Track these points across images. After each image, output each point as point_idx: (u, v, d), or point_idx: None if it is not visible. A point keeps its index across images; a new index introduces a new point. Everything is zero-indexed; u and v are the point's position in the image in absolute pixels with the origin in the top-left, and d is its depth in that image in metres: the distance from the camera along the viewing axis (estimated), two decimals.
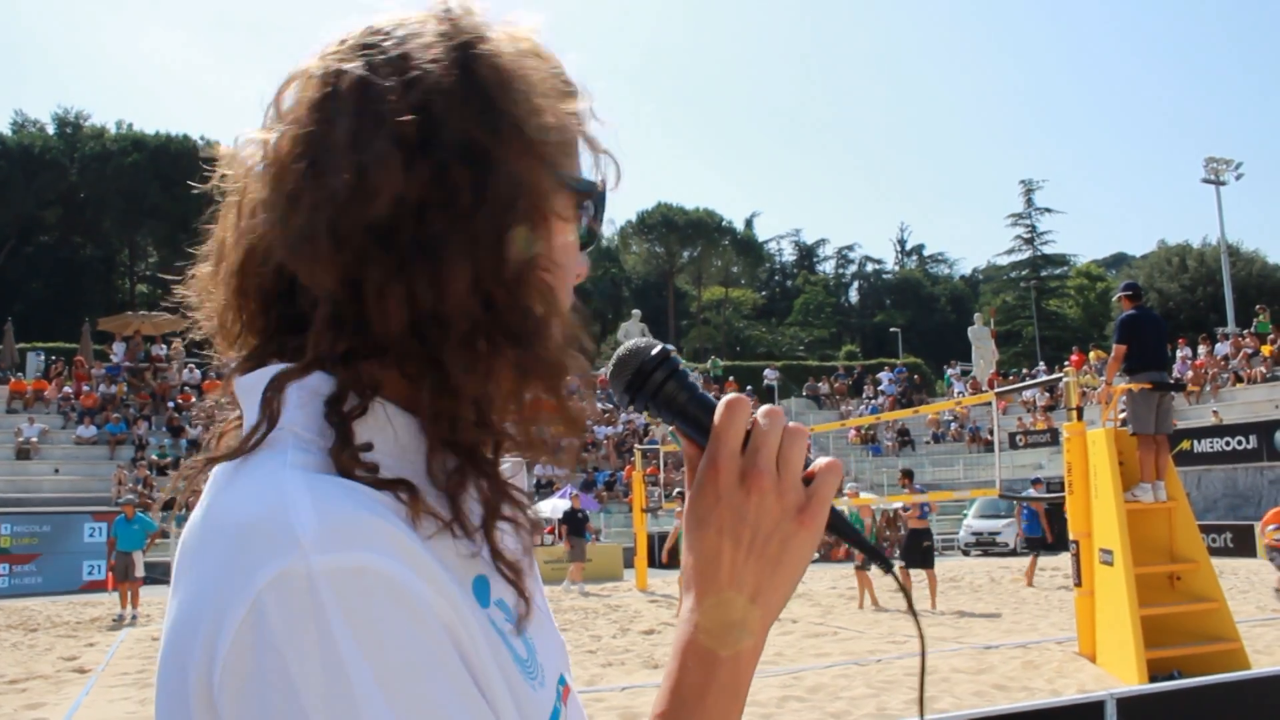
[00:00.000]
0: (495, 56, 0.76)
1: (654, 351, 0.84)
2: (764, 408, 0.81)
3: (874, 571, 15.22)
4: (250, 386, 0.74)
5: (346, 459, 0.69)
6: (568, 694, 0.83)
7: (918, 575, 15.10)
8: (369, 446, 0.70)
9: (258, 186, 0.77)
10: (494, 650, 0.70)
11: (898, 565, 14.87)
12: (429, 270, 0.71)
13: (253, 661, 0.60)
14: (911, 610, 0.90)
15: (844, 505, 24.95)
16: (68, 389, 31.28)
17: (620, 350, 0.85)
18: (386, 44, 0.75)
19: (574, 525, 20.26)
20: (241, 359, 0.80)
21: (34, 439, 28.30)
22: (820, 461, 0.81)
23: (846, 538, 0.88)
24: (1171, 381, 10.87)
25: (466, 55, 0.75)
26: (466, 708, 0.64)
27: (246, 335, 0.80)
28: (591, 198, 0.83)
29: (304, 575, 0.60)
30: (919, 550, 15.23)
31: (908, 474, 16.70)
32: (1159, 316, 11.15)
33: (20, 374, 32.98)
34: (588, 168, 0.84)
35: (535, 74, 0.78)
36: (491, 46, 0.77)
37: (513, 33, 0.80)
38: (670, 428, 0.86)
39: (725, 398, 0.81)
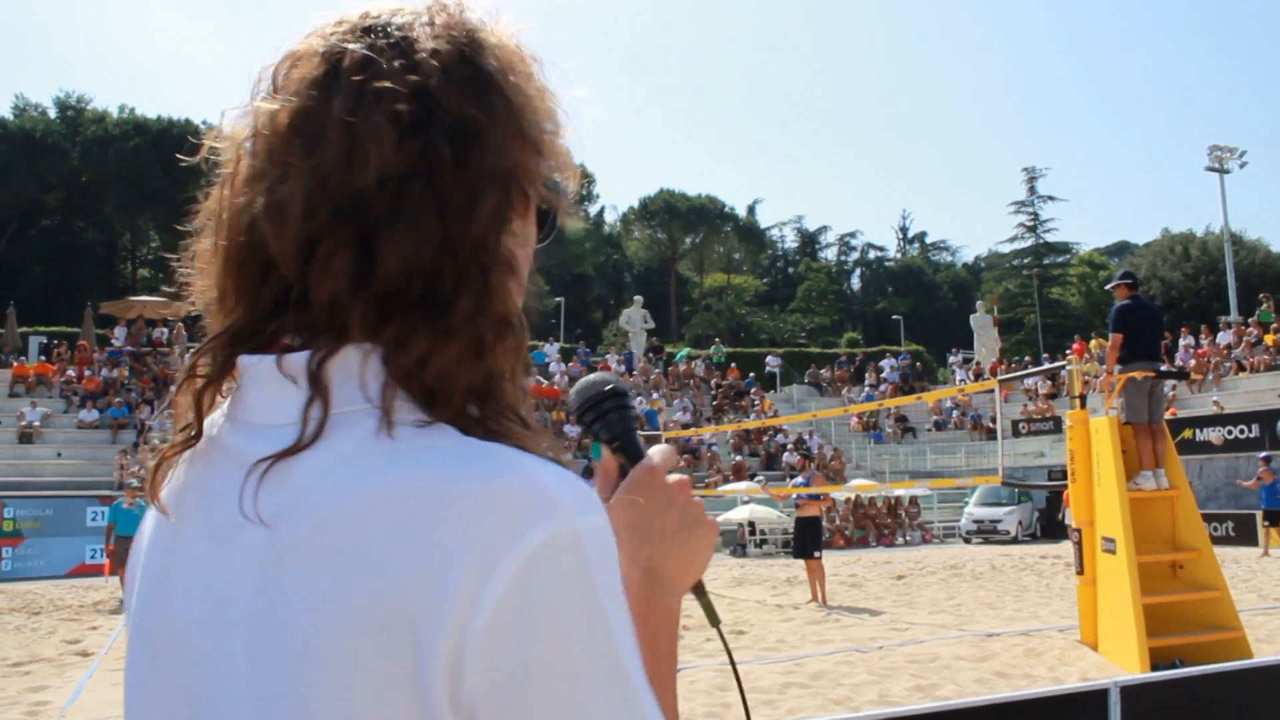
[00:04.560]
0: (497, 47, 0.81)
1: (615, 385, 1.04)
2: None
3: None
4: (299, 368, 0.75)
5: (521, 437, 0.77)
6: None
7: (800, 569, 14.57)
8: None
9: (251, 159, 0.79)
10: None
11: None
12: (393, 238, 0.74)
13: (523, 616, 0.65)
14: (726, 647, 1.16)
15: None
16: (70, 373, 31.28)
17: (588, 378, 1.05)
18: (390, 28, 0.79)
19: None
20: (246, 331, 0.79)
21: (36, 423, 28.30)
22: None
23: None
24: (1164, 370, 10.82)
25: (470, 42, 0.80)
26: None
27: (240, 308, 0.80)
28: (557, 201, 0.87)
29: (571, 534, 0.67)
30: (807, 539, 14.42)
31: (807, 455, 16.52)
32: (1155, 305, 11.08)
33: (22, 358, 32.98)
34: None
35: (529, 70, 0.83)
36: (492, 37, 0.82)
37: (501, 33, 0.84)
38: (590, 439, 1.04)
39: (661, 444, 1.02)
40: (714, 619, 1.06)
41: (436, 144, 0.75)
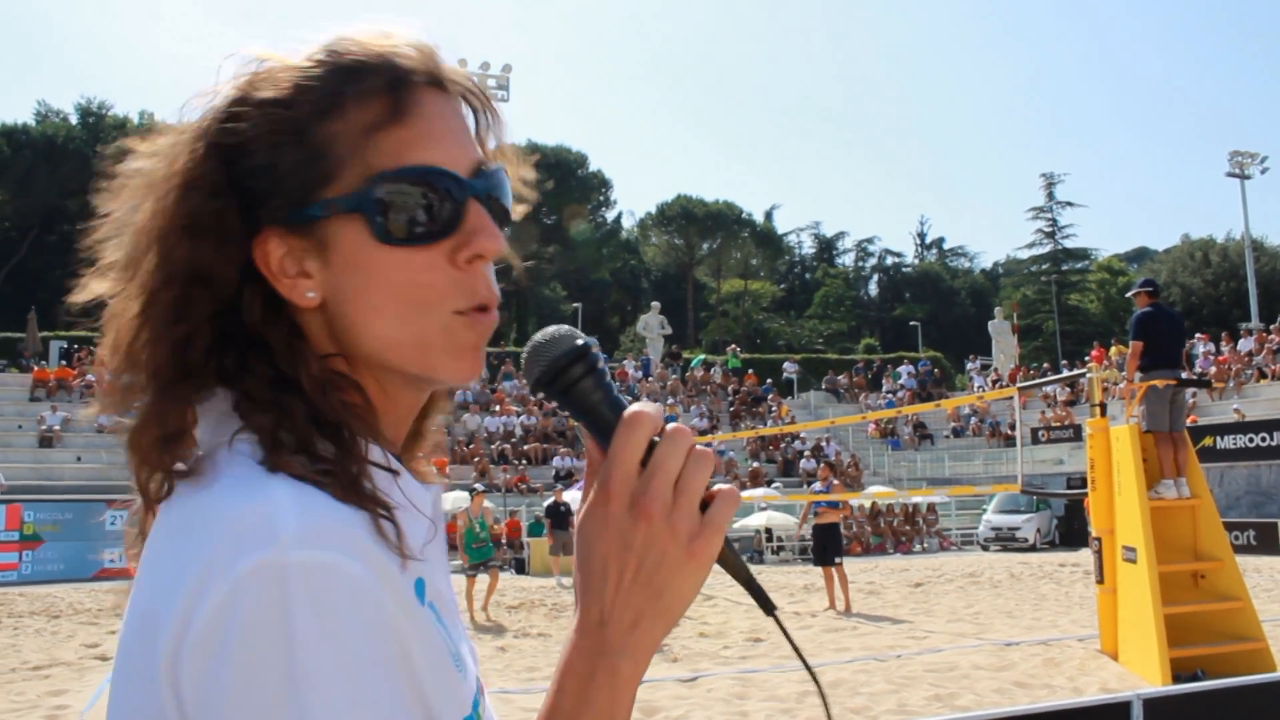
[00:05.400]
0: (237, 119, 0.85)
1: (573, 344, 0.80)
2: (670, 425, 0.78)
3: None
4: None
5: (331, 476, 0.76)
6: (483, 690, 0.89)
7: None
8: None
9: None
10: (434, 647, 0.77)
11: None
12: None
13: (220, 640, 0.66)
14: (799, 655, 0.86)
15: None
16: (90, 377, 31.51)
17: (537, 336, 0.81)
18: (215, 95, 0.88)
19: (557, 519, 20.19)
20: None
21: (56, 427, 28.52)
22: (719, 487, 0.79)
23: (736, 574, 0.83)
24: (1184, 378, 10.73)
25: (206, 129, 0.87)
26: (397, 705, 0.70)
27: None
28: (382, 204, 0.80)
29: (278, 567, 0.67)
30: (828, 546, 14.55)
31: (831, 466, 16.83)
32: (1176, 313, 11.00)
33: (43, 362, 33.23)
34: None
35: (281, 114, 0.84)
36: (257, 97, 0.85)
37: (363, 42, 0.85)
38: (577, 425, 0.82)
39: (630, 409, 0.78)
40: (767, 606, 0.84)
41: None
